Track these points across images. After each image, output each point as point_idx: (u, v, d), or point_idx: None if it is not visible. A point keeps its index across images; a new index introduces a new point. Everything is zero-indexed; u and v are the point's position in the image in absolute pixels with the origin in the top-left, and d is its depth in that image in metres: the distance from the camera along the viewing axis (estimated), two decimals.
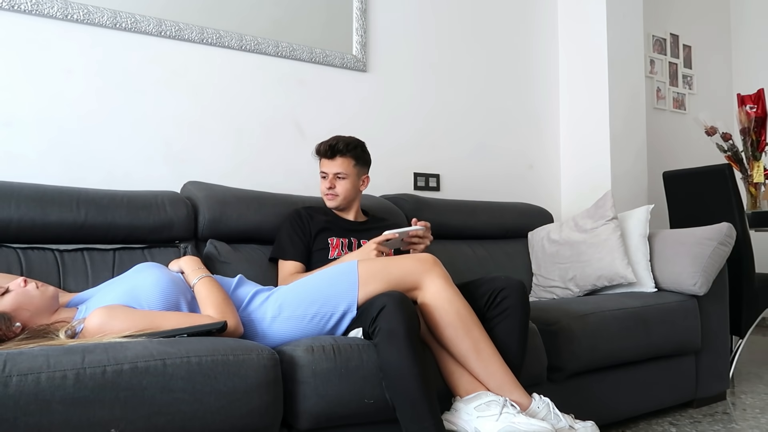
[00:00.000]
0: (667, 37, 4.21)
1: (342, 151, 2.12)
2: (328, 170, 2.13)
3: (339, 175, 2.12)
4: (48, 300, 1.55)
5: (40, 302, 1.53)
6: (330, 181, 2.12)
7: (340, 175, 2.12)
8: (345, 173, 2.12)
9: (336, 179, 2.12)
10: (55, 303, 1.58)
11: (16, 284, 1.53)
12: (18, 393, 1.12)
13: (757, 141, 3.14)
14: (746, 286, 2.69)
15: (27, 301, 1.50)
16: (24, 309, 1.49)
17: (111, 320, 1.44)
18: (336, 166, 2.12)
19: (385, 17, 2.90)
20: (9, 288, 1.51)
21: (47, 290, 1.56)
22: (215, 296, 1.58)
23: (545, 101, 3.47)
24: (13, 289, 1.51)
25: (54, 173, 2.06)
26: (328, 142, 2.14)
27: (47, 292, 1.56)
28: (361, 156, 2.17)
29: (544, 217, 2.95)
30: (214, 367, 1.32)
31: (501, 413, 1.49)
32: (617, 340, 2.12)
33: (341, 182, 2.12)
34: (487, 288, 1.71)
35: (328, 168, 2.13)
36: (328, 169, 2.13)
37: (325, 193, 2.15)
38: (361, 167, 2.17)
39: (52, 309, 1.56)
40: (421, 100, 3.01)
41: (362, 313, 1.56)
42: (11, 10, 2.04)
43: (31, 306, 1.51)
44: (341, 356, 1.48)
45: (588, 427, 1.59)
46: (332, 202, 2.15)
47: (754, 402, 2.51)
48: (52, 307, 1.56)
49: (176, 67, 2.36)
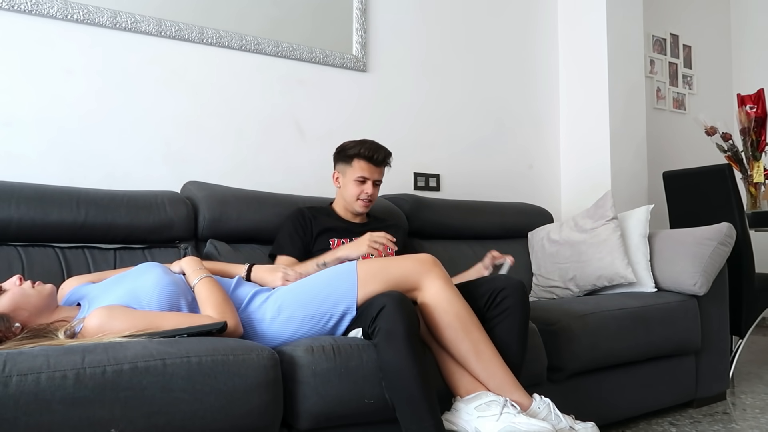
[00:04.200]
0: (667, 37, 4.21)
1: (387, 162, 2.16)
2: (372, 176, 2.12)
3: (377, 183, 2.14)
4: (45, 299, 1.54)
5: (37, 301, 1.51)
6: (371, 187, 2.12)
7: (378, 182, 2.15)
8: (381, 181, 2.16)
9: (375, 187, 2.14)
10: (53, 301, 1.57)
11: (12, 283, 1.51)
12: (18, 393, 1.12)
13: (757, 141, 3.14)
14: (746, 286, 2.69)
15: (24, 300, 1.49)
16: (22, 309, 1.48)
17: (110, 320, 1.43)
18: (380, 174, 2.15)
19: (385, 17, 2.90)
20: (3, 288, 1.50)
21: (44, 289, 1.55)
22: (215, 297, 1.58)
23: (545, 101, 3.47)
24: (8, 288, 1.50)
25: (54, 173, 2.06)
26: (381, 148, 2.13)
27: (44, 291, 1.54)
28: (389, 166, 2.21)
29: (544, 217, 2.95)
30: (214, 366, 1.32)
31: (501, 413, 1.49)
32: (617, 340, 2.12)
33: (377, 189, 2.15)
34: (487, 288, 1.71)
35: (372, 174, 2.12)
36: (372, 175, 2.12)
37: (363, 198, 2.12)
38: None
39: (50, 308, 1.55)
40: (421, 100, 3.01)
41: (362, 313, 1.56)
42: (11, 10, 2.04)
43: (28, 305, 1.49)
44: (341, 356, 1.48)
45: (588, 428, 1.59)
46: (366, 209, 2.16)
47: (754, 402, 2.51)
48: (50, 305, 1.55)
49: (176, 67, 2.36)
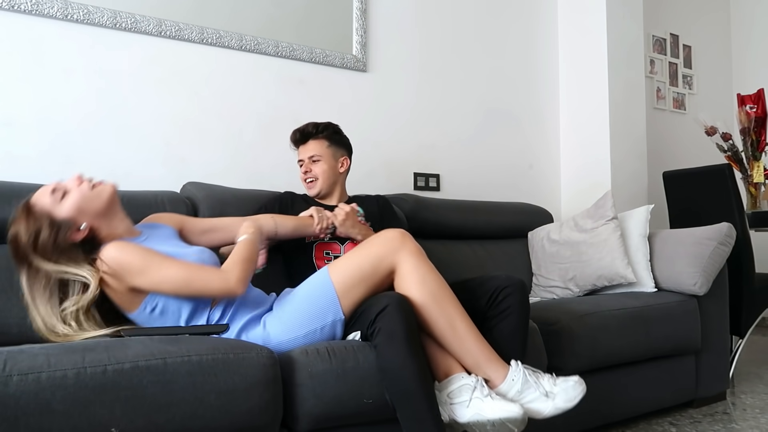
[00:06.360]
0: (667, 37, 4.21)
1: (312, 134, 2.10)
2: (303, 155, 2.11)
3: (313, 158, 2.09)
4: (105, 201, 1.53)
5: (99, 204, 1.52)
6: (306, 165, 2.09)
7: (314, 158, 2.09)
8: (319, 155, 2.09)
9: (311, 163, 2.09)
10: (115, 204, 1.57)
11: (73, 183, 1.51)
12: (18, 392, 1.12)
13: (757, 141, 3.14)
14: (746, 286, 2.69)
15: (86, 204, 1.50)
16: (84, 213, 1.49)
17: (122, 253, 1.45)
18: (310, 150, 2.10)
19: (385, 17, 2.90)
20: (67, 188, 1.50)
21: (103, 191, 1.54)
22: (238, 254, 1.57)
23: (545, 101, 3.47)
24: (70, 190, 1.50)
25: (54, 173, 2.04)
26: (299, 128, 2.12)
27: (103, 193, 1.54)
28: (333, 137, 2.13)
29: (544, 216, 2.95)
30: (215, 365, 1.32)
31: (471, 399, 1.46)
32: (617, 340, 2.12)
33: (317, 165, 2.09)
34: (489, 286, 1.69)
35: (302, 154, 2.11)
36: (303, 154, 2.11)
37: (304, 179, 2.11)
38: (336, 148, 2.13)
39: (113, 210, 1.56)
40: (421, 100, 3.01)
41: (360, 315, 1.55)
42: (11, 10, 2.04)
43: (89, 209, 1.50)
44: (336, 357, 1.48)
45: (570, 383, 1.53)
46: (313, 189, 2.11)
47: (754, 402, 2.51)
48: (111, 208, 1.55)
49: (176, 67, 2.36)
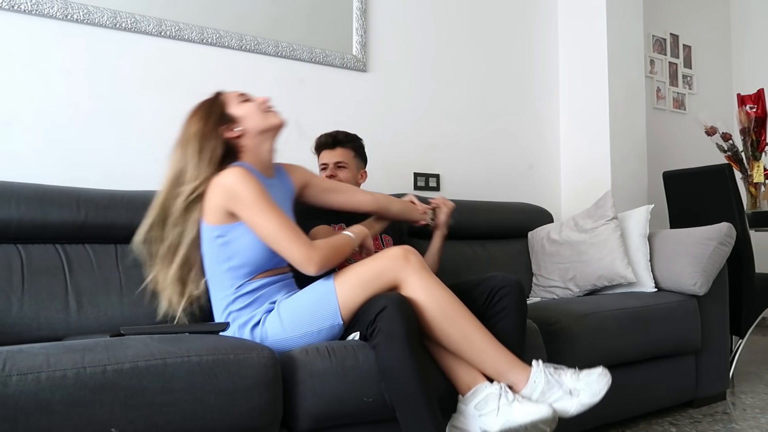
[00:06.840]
0: (667, 37, 4.21)
1: (343, 142, 2.15)
2: (329, 160, 2.13)
3: (339, 165, 2.13)
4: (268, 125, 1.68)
5: (261, 123, 1.67)
6: (331, 170, 2.12)
7: (340, 164, 2.13)
8: (345, 162, 2.13)
9: (337, 169, 2.12)
10: (273, 136, 1.71)
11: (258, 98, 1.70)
12: (18, 392, 1.12)
13: (757, 141, 3.13)
14: (746, 286, 2.69)
15: (253, 115, 1.66)
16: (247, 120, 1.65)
17: (241, 182, 1.53)
18: (337, 156, 2.13)
19: (385, 17, 2.90)
20: (251, 99, 1.69)
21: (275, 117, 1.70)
22: (334, 241, 1.64)
23: (545, 101, 3.47)
24: (253, 100, 1.69)
25: (54, 172, 2.06)
26: (330, 134, 2.17)
27: (273, 119, 1.69)
28: (359, 150, 2.19)
29: (544, 217, 2.95)
30: (215, 366, 1.32)
31: (499, 407, 1.47)
32: (617, 340, 2.12)
33: (342, 171, 2.13)
34: (486, 287, 1.69)
35: (328, 158, 2.14)
36: (329, 159, 2.14)
37: None
38: (359, 161, 2.19)
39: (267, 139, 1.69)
40: (421, 100, 3.01)
41: (360, 315, 1.54)
42: (11, 10, 2.04)
43: (253, 121, 1.66)
44: (336, 356, 1.48)
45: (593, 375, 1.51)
46: None
47: (754, 402, 2.51)
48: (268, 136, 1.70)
49: (176, 67, 2.35)
